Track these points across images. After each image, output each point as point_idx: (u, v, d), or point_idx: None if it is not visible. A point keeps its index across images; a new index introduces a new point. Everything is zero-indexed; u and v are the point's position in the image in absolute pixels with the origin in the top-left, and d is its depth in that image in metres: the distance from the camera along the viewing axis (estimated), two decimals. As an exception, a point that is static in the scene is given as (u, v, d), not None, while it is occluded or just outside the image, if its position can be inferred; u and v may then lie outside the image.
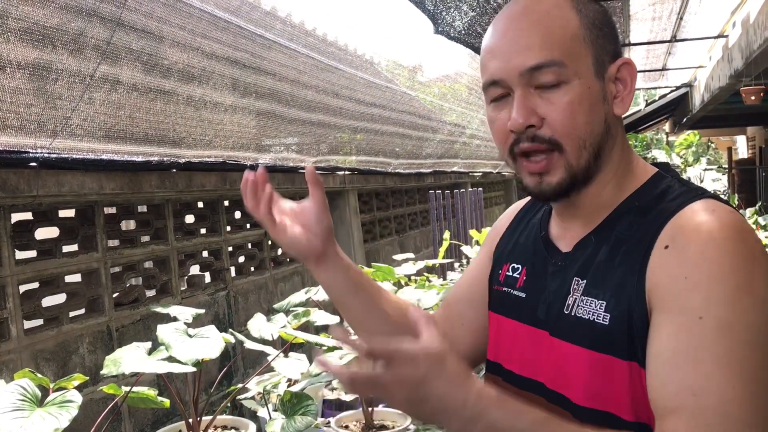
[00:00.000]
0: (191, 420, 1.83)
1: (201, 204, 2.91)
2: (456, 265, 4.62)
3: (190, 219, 2.84)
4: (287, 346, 2.01)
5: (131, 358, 1.59)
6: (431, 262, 3.23)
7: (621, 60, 0.93)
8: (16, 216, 2.00)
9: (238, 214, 3.15)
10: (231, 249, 3.06)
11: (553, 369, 0.93)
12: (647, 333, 0.82)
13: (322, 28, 3.31)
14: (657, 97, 11.82)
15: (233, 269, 3.07)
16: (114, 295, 2.31)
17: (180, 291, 2.65)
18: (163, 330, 1.68)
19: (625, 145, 0.96)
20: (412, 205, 5.86)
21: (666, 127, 16.26)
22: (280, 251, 3.54)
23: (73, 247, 2.20)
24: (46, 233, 2.10)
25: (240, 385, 1.99)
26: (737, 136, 17.88)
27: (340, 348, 2.04)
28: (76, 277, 2.19)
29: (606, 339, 0.86)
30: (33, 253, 2.05)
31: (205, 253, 2.88)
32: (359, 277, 1.09)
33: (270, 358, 1.92)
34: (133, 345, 1.68)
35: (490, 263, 1.13)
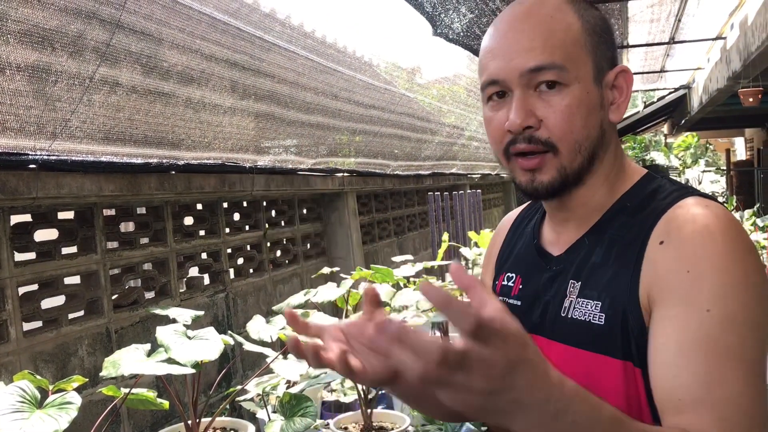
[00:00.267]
0: (190, 422, 1.83)
1: (200, 206, 2.91)
2: (455, 267, 4.61)
3: (189, 221, 2.84)
4: (286, 347, 2.01)
5: (130, 359, 1.60)
6: (430, 263, 3.24)
7: (619, 67, 0.94)
8: (15, 218, 2.00)
9: (236, 216, 3.15)
10: (230, 251, 3.06)
11: None
12: (643, 331, 0.83)
13: (321, 30, 3.32)
14: (655, 99, 11.84)
15: (232, 271, 3.07)
16: (113, 297, 2.31)
17: (179, 293, 2.65)
18: (162, 332, 1.68)
19: (618, 150, 0.97)
20: (410, 207, 5.86)
21: (664, 129, 16.27)
22: (279, 253, 3.54)
23: (73, 249, 2.20)
24: (45, 235, 2.10)
25: (239, 387, 1.99)
26: (735, 137, 17.91)
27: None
28: (75, 279, 2.19)
29: (601, 339, 0.86)
30: (32, 255, 2.05)
31: (204, 255, 2.88)
32: None
33: (269, 359, 1.93)
34: (133, 347, 1.68)
35: (493, 276, 1.14)
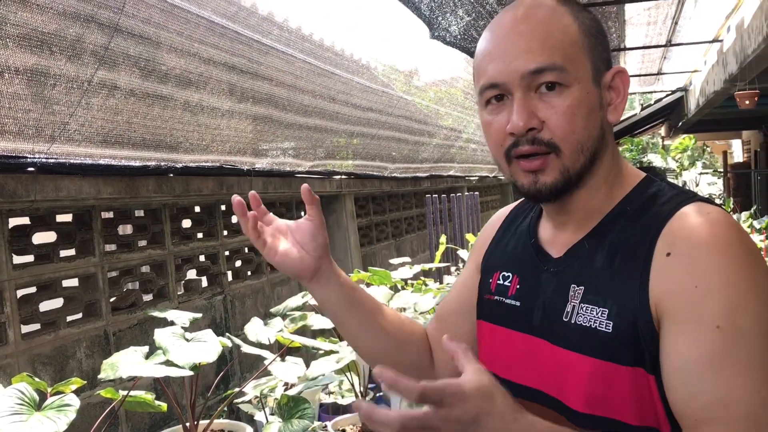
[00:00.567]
0: (188, 424, 1.83)
1: (198, 208, 2.91)
2: (452, 269, 4.63)
3: (187, 223, 2.85)
4: (284, 350, 2.02)
5: (128, 362, 1.60)
6: (428, 266, 3.25)
7: (615, 68, 0.94)
8: (13, 220, 2.01)
9: (234, 218, 3.16)
10: (228, 253, 3.07)
11: (551, 376, 0.92)
12: (654, 339, 0.83)
13: (318, 33, 3.33)
14: (653, 101, 11.87)
15: (230, 273, 3.08)
16: (111, 300, 2.32)
17: (177, 295, 2.65)
18: (161, 334, 1.68)
19: (616, 152, 0.97)
20: (408, 209, 5.87)
21: (662, 131, 16.31)
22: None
23: (71, 252, 2.21)
24: (43, 238, 2.11)
25: (237, 389, 1.99)
26: (732, 140, 17.94)
27: (336, 351, 2.04)
28: (73, 282, 2.20)
29: (609, 346, 0.85)
30: (30, 258, 2.05)
31: (202, 258, 2.88)
32: (355, 293, 1.08)
33: (267, 362, 1.93)
34: (131, 349, 1.68)
35: (478, 273, 1.13)
